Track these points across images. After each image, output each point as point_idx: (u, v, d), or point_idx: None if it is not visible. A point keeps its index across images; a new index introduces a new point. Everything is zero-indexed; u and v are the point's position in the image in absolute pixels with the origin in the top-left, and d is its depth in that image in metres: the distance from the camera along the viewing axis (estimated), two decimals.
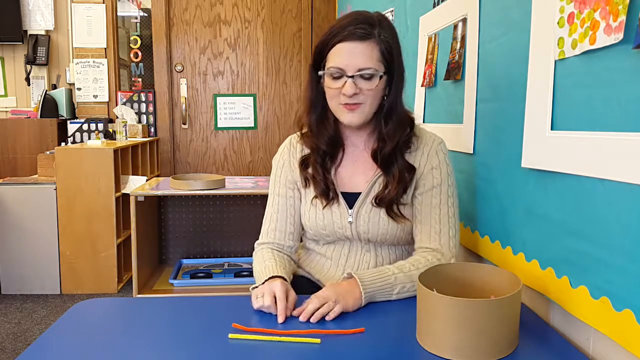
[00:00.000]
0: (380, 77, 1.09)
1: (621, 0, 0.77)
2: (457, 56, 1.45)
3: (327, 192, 1.18)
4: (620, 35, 0.77)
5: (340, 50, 1.08)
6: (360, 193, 1.18)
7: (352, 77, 1.08)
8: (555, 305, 1.00)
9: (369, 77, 1.08)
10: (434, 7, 1.65)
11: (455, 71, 1.47)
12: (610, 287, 0.82)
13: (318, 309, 0.99)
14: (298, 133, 1.26)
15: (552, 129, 0.97)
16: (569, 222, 0.93)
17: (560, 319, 1.00)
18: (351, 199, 1.19)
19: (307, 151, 1.22)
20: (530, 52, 1.04)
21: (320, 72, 1.13)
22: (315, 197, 1.19)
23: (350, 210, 1.18)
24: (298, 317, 0.99)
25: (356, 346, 0.89)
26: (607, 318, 0.82)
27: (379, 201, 1.16)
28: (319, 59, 1.14)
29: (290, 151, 1.25)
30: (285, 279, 1.08)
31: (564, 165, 0.93)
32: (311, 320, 0.98)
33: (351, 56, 1.07)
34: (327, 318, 0.99)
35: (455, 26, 1.47)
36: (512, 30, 1.15)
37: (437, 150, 1.18)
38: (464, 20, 1.40)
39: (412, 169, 1.16)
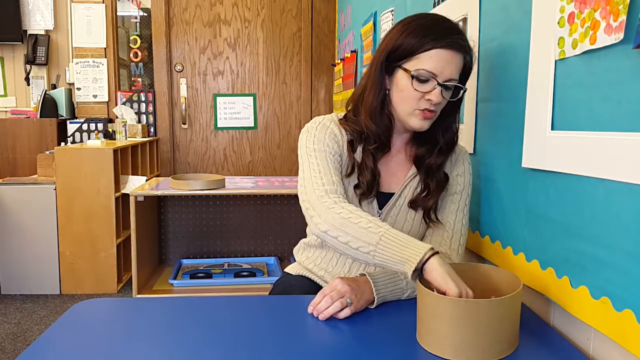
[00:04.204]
0: (464, 91, 1.09)
1: (621, 0, 0.77)
2: None
3: (373, 184, 1.14)
4: (621, 35, 0.77)
5: (438, 55, 1.04)
6: (390, 194, 1.18)
7: (441, 85, 1.05)
8: (556, 306, 1.00)
9: (450, 88, 1.07)
10: (434, 7, 1.65)
11: None
12: (610, 287, 0.82)
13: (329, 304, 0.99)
14: (335, 115, 1.20)
15: (552, 129, 0.97)
16: (569, 222, 0.93)
17: (560, 319, 1.00)
18: (380, 198, 1.17)
19: (348, 136, 1.16)
20: (531, 52, 1.04)
21: (408, 70, 1.06)
22: (357, 186, 1.15)
23: (379, 210, 1.17)
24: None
25: (356, 346, 0.89)
26: (607, 318, 0.82)
27: (416, 206, 1.16)
28: (402, 57, 1.08)
29: (338, 128, 1.16)
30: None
31: (564, 165, 0.93)
32: (320, 318, 0.98)
33: (447, 64, 1.05)
34: (338, 316, 0.99)
35: None
36: (512, 30, 1.15)
37: (463, 158, 1.21)
38: (464, 20, 1.40)
39: (447, 179, 1.18)
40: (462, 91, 1.09)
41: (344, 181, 1.14)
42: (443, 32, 1.05)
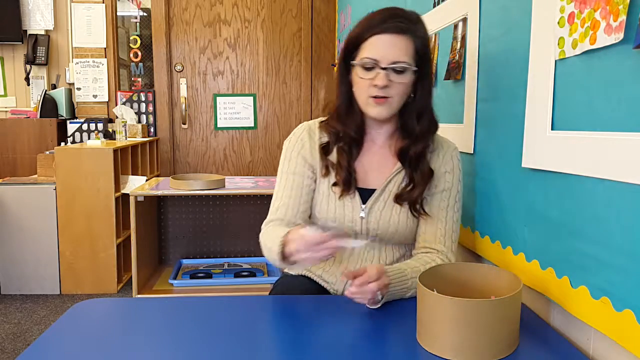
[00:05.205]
0: (414, 72, 1.10)
1: (621, 0, 0.77)
2: (457, 56, 1.45)
3: (349, 180, 1.16)
4: (621, 35, 0.77)
5: (376, 41, 1.09)
6: (373, 190, 1.19)
7: (385, 69, 1.08)
8: (556, 306, 1.00)
9: (402, 71, 1.09)
10: (434, 6, 1.65)
11: (455, 71, 1.47)
12: (610, 287, 0.82)
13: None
14: (318, 120, 1.25)
15: (552, 129, 0.97)
16: (569, 222, 0.93)
17: (560, 319, 1.00)
18: (364, 194, 1.19)
19: (325, 139, 1.21)
20: (531, 52, 1.04)
21: (353, 62, 1.12)
22: (335, 184, 1.18)
23: (362, 205, 1.18)
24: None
25: (357, 346, 0.89)
26: (607, 318, 0.82)
27: (402, 198, 1.17)
28: (351, 51, 1.13)
29: (310, 135, 1.23)
30: None
31: (564, 165, 0.93)
32: (351, 297, 0.99)
33: (387, 48, 1.08)
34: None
35: (456, 26, 1.47)
36: (512, 30, 1.15)
37: (452, 155, 1.21)
38: (464, 20, 1.40)
39: (432, 172, 1.18)
40: (412, 71, 1.10)
41: (319, 184, 1.20)
42: (382, 19, 1.09)
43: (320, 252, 0.96)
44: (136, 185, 2.91)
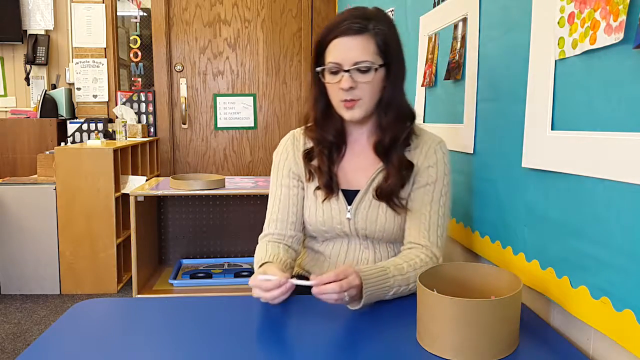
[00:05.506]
0: (376, 69, 1.10)
1: (621, 0, 0.77)
2: (457, 56, 1.45)
3: (330, 184, 1.18)
4: (621, 35, 0.77)
5: (336, 45, 1.10)
6: (358, 190, 1.19)
7: (348, 71, 1.09)
8: (556, 306, 1.00)
9: (366, 70, 1.09)
10: (434, 6, 1.65)
11: (455, 71, 1.47)
12: (610, 287, 0.82)
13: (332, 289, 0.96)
14: (302, 127, 1.27)
15: (552, 129, 0.97)
16: (569, 222, 0.93)
17: (560, 319, 1.00)
18: (350, 195, 1.19)
19: (310, 145, 1.23)
20: (531, 52, 1.04)
21: (318, 69, 1.14)
22: (318, 188, 1.19)
23: (348, 207, 1.18)
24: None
25: (356, 346, 0.89)
26: (607, 318, 0.82)
27: (379, 193, 1.16)
28: (319, 56, 1.15)
29: (293, 144, 1.25)
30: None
31: (564, 165, 0.93)
32: (318, 297, 0.96)
33: (347, 50, 1.09)
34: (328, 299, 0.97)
35: (456, 26, 1.47)
36: (512, 30, 1.15)
37: (435, 149, 1.18)
38: (464, 20, 1.40)
39: (410, 165, 1.16)
40: (378, 68, 1.10)
41: (307, 190, 1.22)
42: (337, 23, 1.10)
43: (275, 300, 0.99)
44: (136, 185, 2.91)
